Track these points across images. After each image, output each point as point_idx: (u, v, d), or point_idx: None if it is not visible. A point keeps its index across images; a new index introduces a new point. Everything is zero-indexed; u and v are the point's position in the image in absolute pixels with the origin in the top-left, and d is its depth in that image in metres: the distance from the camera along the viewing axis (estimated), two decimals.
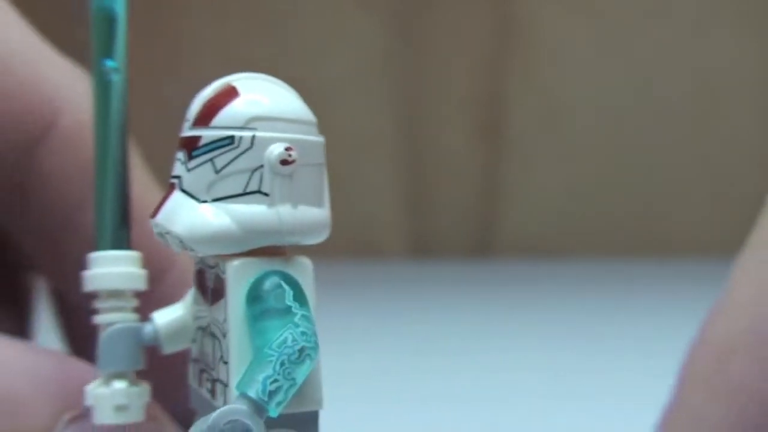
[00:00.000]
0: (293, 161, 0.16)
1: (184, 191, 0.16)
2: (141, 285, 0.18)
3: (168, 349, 0.18)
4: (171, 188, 0.17)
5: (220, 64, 0.86)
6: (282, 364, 0.16)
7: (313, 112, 0.17)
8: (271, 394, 0.16)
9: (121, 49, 0.19)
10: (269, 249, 0.17)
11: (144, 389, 0.18)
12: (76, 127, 0.22)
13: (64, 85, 0.22)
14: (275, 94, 0.17)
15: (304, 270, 0.17)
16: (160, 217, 0.17)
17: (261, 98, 0.17)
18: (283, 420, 0.16)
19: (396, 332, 0.50)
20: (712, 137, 0.78)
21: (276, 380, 0.16)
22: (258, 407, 0.16)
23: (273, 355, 0.16)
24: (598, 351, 0.45)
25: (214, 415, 0.16)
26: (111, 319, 0.18)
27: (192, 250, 0.17)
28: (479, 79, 0.79)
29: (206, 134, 0.16)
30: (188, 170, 0.16)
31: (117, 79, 0.19)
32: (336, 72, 0.77)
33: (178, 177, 0.17)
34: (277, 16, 0.79)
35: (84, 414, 0.18)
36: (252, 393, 0.16)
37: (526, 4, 0.79)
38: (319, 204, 0.17)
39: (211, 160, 0.16)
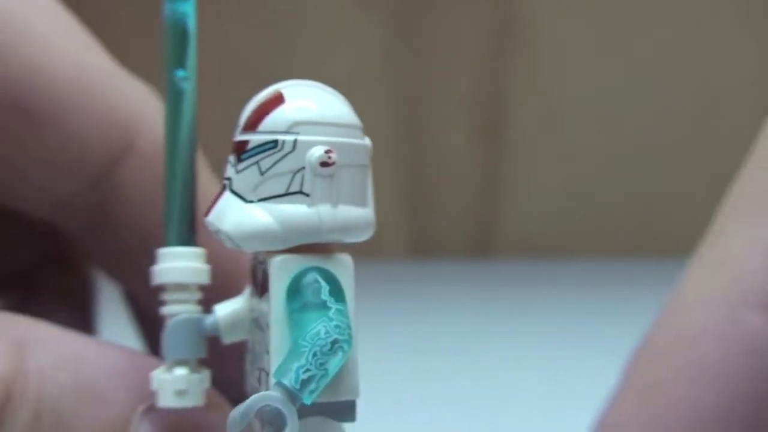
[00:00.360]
0: (333, 163, 0.17)
1: (233, 192, 0.18)
2: (205, 279, 0.19)
3: (227, 339, 0.19)
4: (222, 189, 0.18)
5: (220, 64, 0.86)
6: (314, 354, 0.17)
7: None
8: (304, 383, 0.17)
9: (191, 59, 0.20)
10: (315, 246, 0.18)
11: (204, 376, 0.19)
12: (155, 146, 0.23)
13: (142, 106, 0.23)
14: (319, 100, 0.18)
15: (343, 266, 0.18)
16: (212, 216, 0.18)
17: (304, 104, 0.18)
18: (320, 408, 0.17)
19: (396, 332, 0.51)
20: (712, 137, 0.78)
21: (308, 370, 0.17)
22: (291, 395, 0.17)
23: (306, 346, 0.17)
24: (598, 351, 0.45)
25: (249, 400, 0.17)
26: (176, 311, 0.19)
27: (239, 246, 0.18)
28: (479, 79, 0.79)
29: (253, 138, 0.18)
30: (237, 172, 0.18)
31: (188, 88, 0.20)
32: (336, 72, 0.77)
33: (228, 179, 0.18)
34: (277, 16, 0.79)
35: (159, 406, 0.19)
36: (286, 381, 0.17)
37: (526, 4, 0.79)
38: (361, 204, 0.18)
39: (257, 162, 0.17)
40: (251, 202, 0.18)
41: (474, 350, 0.46)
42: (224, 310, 0.19)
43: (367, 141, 0.18)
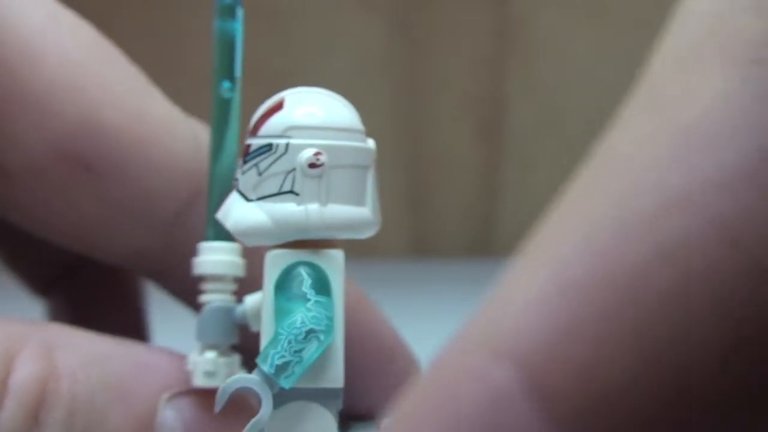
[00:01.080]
0: (321, 165, 0.19)
1: (239, 191, 0.19)
2: (240, 272, 0.21)
3: (254, 327, 0.20)
4: (232, 189, 0.20)
5: None
6: (290, 342, 0.18)
7: None
8: (278, 368, 0.18)
9: (237, 72, 0.22)
10: (312, 242, 0.19)
11: (233, 360, 0.21)
12: None
13: (203, 146, 0.24)
14: (318, 106, 0.19)
15: (332, 261, 0.19)
16: (220, 213, 0.20)
17: (301, 110, 0.19)
18: (306, 393, 0.19)
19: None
20: None
21: (283, 356, 0.18)
22: (268, 378, 0.18)
23: (282, 334, 0.18)
24: None
25: (227, 381, 0.19)
26: (210, 299, 0.21)
27: (242, 242, 0.20)
28: (479, 79, 0.79)
29: (254, 142, 0.19)
30: (242, 174, 0.19)
31: (233, 99, 0.21)
32: (336, 72, 0.77)
33: (236, 179, 0.20)
34: (277, 16, 0.79)
35: (181, 392, 0.21)
36: (263, 366, 0.18)
37: (526, 4, 0.79)
38: (357, 203, 0.20)
39: (256, 164, 0.19)
40: (251, 200, 0.19)
41: None
42: (252, 300, 0.21)
43: (369, 144, 0.20)
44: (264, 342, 0.19)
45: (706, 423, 0.12)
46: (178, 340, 0.25)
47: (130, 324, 0.29)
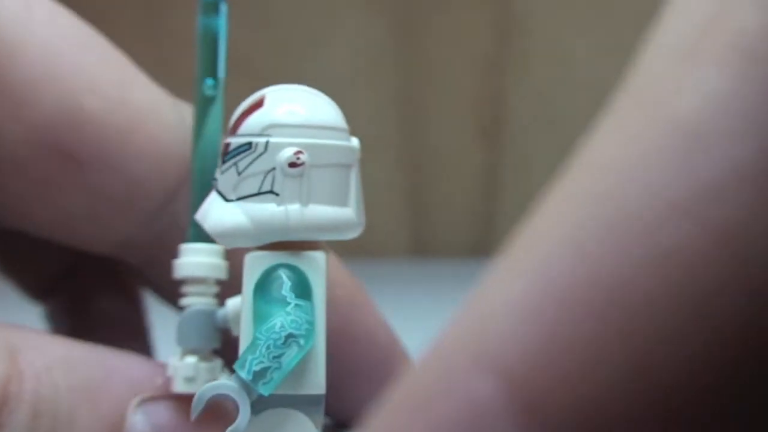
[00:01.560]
0: (301, 164, 0.18)
1: (218, 191, 0.19)
2: (222, 274, 0.21)
3: (236, 331, 0.20)
4: (211, 189, 0.19)
5: None
6: (268, 347, 0.18)
7: None
8: (256, 374, 0.18)
9: (221, 69, 0.21)
10: (294, 244, 0.19)
11: (214, 365, 0.20)
12: None
13: (190, 136, 0.23)
14: (299, 103, 0.19)
15: (313, 263, 0.19)
16: (198, 214, 0.19)
17: (281, 107, 0.19)
18: (287, 400, 0.18)
19: (395, 332, 0.50)
20: None
21: (261, 362, 0.18)
22: (245, 385, 0.18)
23: (261, 339, 0.18)
24: None
25: (204, 387, 0.18)
26: (192, 302, 0.21)
27: (222, 243, 0.19)
28: (479, 79, 0.79)
29: (233, 141, 0.19)
30: (221, 173, 0.19)
31: (217, 95, 0.21)
32: (335, 72, 0.77)
33: (215, 179, 0.19)
34: (277, 16, 0.79)
35: (153, 397, 0.20)
36: (240, 372, 0.18)
37: (526, 4, 0.79)
38: (339, 203, 0.19)
39: (235, 163, 0.18)
40: (231, 201, 0.19)
41: None
42: (234, 303, 0.20)
43: (352, 142, 0.19)
44: (242, 347, 0.18)
45: (695, 427, 0.12)
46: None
47: (130, 326, 0.29)
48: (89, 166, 0.23)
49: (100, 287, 0.28)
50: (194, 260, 0.21)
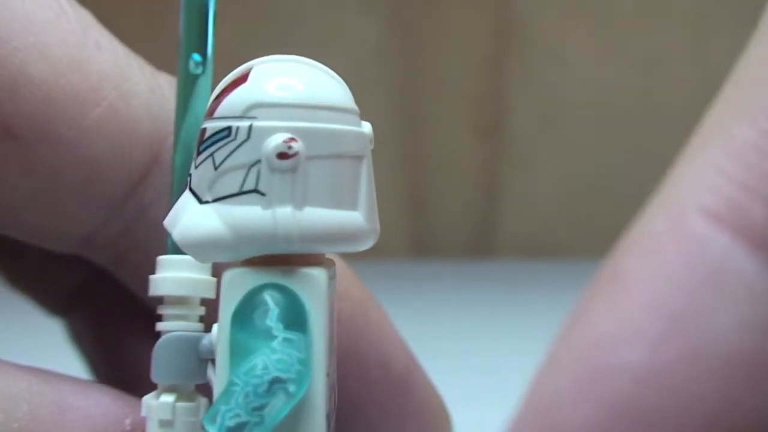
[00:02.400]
0: (294, 154, 0.14)
1: (191, 190, 0.15)
2: (209, 293, 0.17)
3: None
4: (185, 187, 0.15)
5: (218, 63, 0.85)
6: (246, 395, 0.14)
7: None
8: (231, 431, 0.13)
9: (210, 44, 0.18)
10: (286, 257, 0.15)
11: (197, 406, 0.16)
12: None
13: (167, 107, 0.19)
14: (294, 78, 0.15)
15: (310, 283, 0.14)
16: (167, 219, 0.15)
17: (270, 82, 0.15)
18: None
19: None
20: None
21: (237, 415, 0.14)
22: None
23: (237, 384, 0.14)
24: None
25: None
26: (171, 327, 0.16)
27: (192, 256, 0.15)
28: (479, 79, 0.79)
29: (209, 126, 0.15)
30: (195, 167, 0.15)
31: (204, 75, 0.18)
32: (335, 72, 0.76)
33: (189, 175, 0.15)
34: (277, 16, 0.79)
35: None
36: (211, 428, 0.14)
37: (526, 4, 0.78)
38: (345, 205, 0.15)
39: (211, 155, 0.14)
40: (206, 202, 0.14)
41: (474, 350, 0.46)
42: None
43: (364, 128, 0.15)
44: (216, 393, 0.14)
45: None
46: None
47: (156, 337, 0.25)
48: (34, 143, 0.18)
49: (124, 297, 0.24)
50: (174, 275, 0.16)
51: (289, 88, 0.15)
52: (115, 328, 0.24)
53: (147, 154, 0.19)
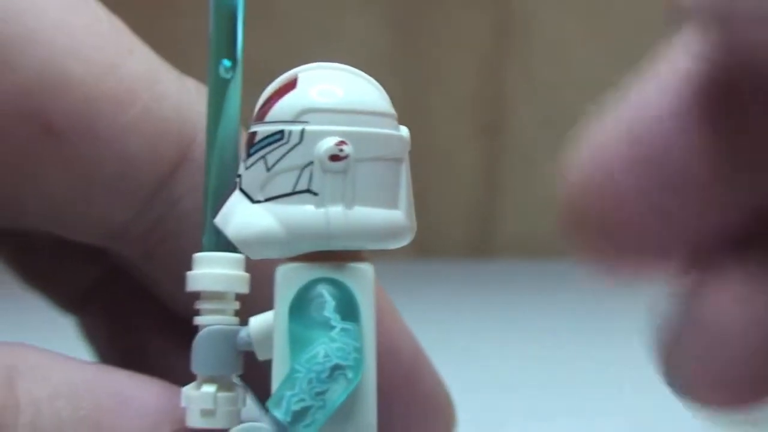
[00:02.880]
0: (345, 157, 0.15)
1: (242, 190, 0.16)
2: (243, 288, 0.17)
3: (261, 355, 0.16)
4: (234, 187, 0.16)
5: None
6: (309, 381, 0.15)
7: None
8: (296, 415, 0.15)
9: (239, 49, 0.19)
10: (332, 254, 0.16)
11: (236, 396, 0.17)
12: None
13: (195, 108, 0.20)
14: (339, 84, 0.16)
15: (360, 278, 0.16)
16: (218, 218, 0.16)
17: (319, 89, 0.16)
18: None
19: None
20: None
21: (302, 399, 0.15)
22: (283, 428, 0.15)
23: (301, 371, 0.15)
24: (597, 350, 0.45)
25: (234, 430, 0.16)
26: (210, 321, 0.17)
27: (245, 253, 0.16)
28: (479, 79, 0.79)
29: (260, 130, 0.15)
30: (246, 168, 0.15)
31: (234, 79, 0.18)
32: None
33: (239, 176, 0.16)
34: (277, 15, 0.79)
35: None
36: (277, 412, 0.15)
37: (526, 4, 0.78)
38: (388, 204, 0.16)
39: (263, 157, 0.15)
40: (258, 202, 0.15)
41: (474, 350, 0.46)
42: (259, 322, 0.17)
43: (403, 132, 0.16)
44: (276, 381, 0.15)
45: None
46: None
47: (174, 336, 0.24)
48: (73, 139, 0.20)
49: (139, 295, 0.24)
50: (211, 272, 0.17)
51: (335, 94, 0.16)
52: (128, 326, 0.25)
53: (177, 152, 0.20)
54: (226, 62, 0.18)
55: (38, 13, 0.20)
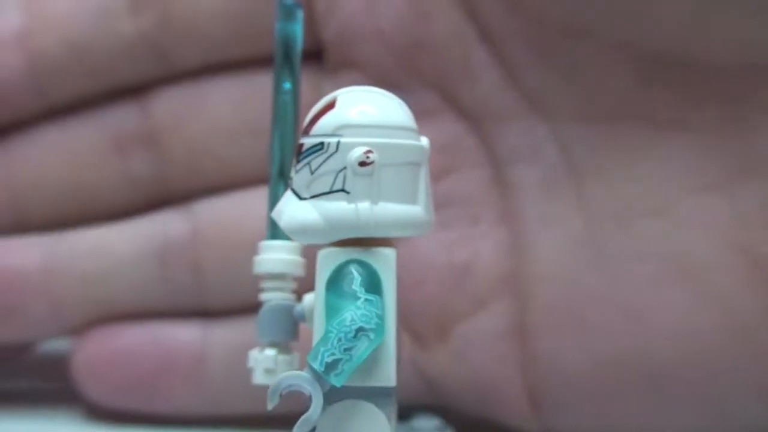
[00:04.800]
0: (371, 163, 0.19)
1: (292, 190, 0.20)
2: (300, 271, 0.22)
3: (311, 325, 0.20)
4: (286, 188, 0.20)
5: None
6: (339, 340, 0.19)
7: None
8: (328, 365, 0.18)
9: (296, 73, 0.23)
10: (363, 240, 0.20)
11: (293, 358, 0.21)
12: None
13: None
14: (369, 104, 0.20)
15: (384, 259, 0.19)
16: (274, 212, 0.20)
17: (352, 109, 0.20)
18: (358, 392, 0.19)
19: None
20: None
21: (333, 353, 0.18)
22: (318, 376, 0.19)
23: (332, 332, 0.19)
24: None
25: (278, 378, 0.19)
26: (272, 297, 0.22)
27: (296, 240, 0.20)
28: None
29: (306, 141, 0.19)
30: (296, 172, 0.20)
31: (293, 100, 0.23)
32: None
33: (290, 178, 0.20)
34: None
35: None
36: (313, 363, 0.18)
37: None
38: (408, 201, 0.20)
39: (308, 163, 0.19)
40: (304, 199, 0.19)
41: None
42: (310, 298, 0.21)
43: (423, 141, 0.20)
44: (315, 339, 0.19)
45: None
46: None
47: None
48: None
49: None
50: (273, 257, 0.22)
51: (366, 113, 0.19)
52: None
53: None
54: (287, 85, 0.23)
55: None
